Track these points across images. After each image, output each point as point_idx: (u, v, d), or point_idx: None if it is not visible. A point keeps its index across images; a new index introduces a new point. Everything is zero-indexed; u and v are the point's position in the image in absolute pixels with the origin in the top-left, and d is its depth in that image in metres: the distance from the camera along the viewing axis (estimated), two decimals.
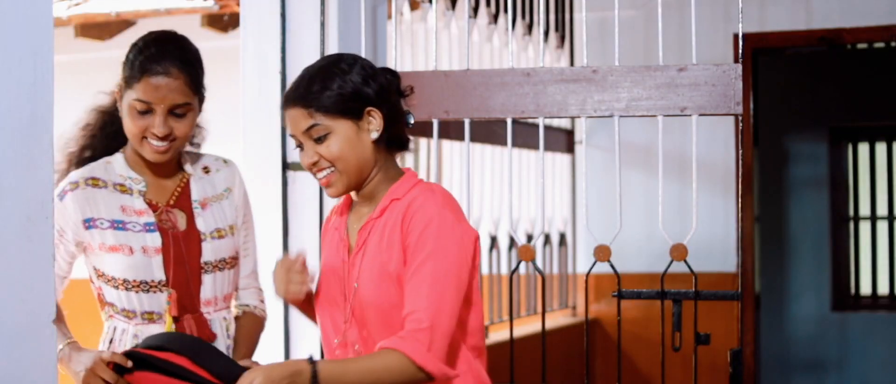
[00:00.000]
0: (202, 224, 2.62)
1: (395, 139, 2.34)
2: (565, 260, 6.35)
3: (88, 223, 2.55)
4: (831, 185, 7.65)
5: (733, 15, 5.69)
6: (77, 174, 2.59)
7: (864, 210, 7.75)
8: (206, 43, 6.92)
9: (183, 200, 2.63)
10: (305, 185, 3.53)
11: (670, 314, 3.25)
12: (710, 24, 5.85)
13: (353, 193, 2.36)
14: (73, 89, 6.65)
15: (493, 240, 5.59)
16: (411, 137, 2.42)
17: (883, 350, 7.52)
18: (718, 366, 3.90)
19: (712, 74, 3.14)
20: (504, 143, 3.71)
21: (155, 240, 2.56)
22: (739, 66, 3.14)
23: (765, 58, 6.09)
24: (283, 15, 3.49)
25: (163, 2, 5.70)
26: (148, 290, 2.55)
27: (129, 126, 2.54)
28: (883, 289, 7.73)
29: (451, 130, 4.71)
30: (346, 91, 2.26)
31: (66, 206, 2.55)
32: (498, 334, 5.52)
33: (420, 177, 2.36)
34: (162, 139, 2.51)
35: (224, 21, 5.86)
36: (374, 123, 2.28)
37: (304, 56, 3.49)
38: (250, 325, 2.71)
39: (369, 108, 2.28)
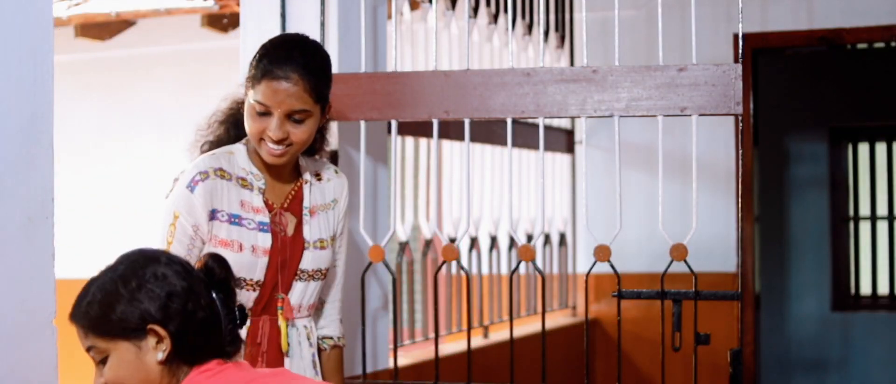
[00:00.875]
0: (308, 232, 2.63)
1: (198, 352, 1.97)
2: (565, 260, 6.35)
3: (213, 214, 2.53)
4: (831, 185, 7.65)
5: (733, 15, 5.69)
6: (205, 163, 2.55)
7: (864, 210, 7.75)
8: (206, 43, 6.96)
9: (295, 205, 2.64)
10: None
11: (670, 314, 3.24)
12: (710, 24, 5.85)
13: None
14: (74, 89, 6.71)
15: (493, 240, 5.59)
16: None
17: (883, 350, 7.51)
18: (718, 366, 3.90)
19: (712, 74, 3.14)
20: (504, 143, 3.71)
21: (266, 240, 2.55)
22: (739, 66, 3.13)
23: (765, 58, 6.08)
24: (283, 15, 3.48)
25: (163, 2, 5.70)
26: (242, 287, 2.53)
27: (249, 125, 2.53)
28: (883, 289, 7.73)
29: (451, 130, 4.72)
30: (118, 310, 1.92)
31: (196, 198, 2.51)
32: (498, 334, 5.52)
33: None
34: (277, 143, 2.50)
35: (224, 21, 5.86)
36: (162, 344, 1.93)
37: None
38: (338, 361, 2.76)
39: (151, 327, 1.92)
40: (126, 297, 1.92)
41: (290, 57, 2.49)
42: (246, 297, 2.54)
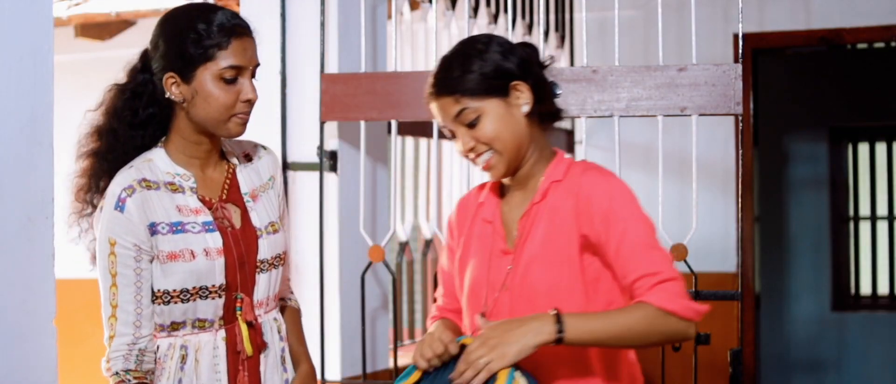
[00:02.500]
0: (256, 219, 2.38)
1: (546, 112, 2.30)
2: None
3: (152, 228, 2.26)
4: (831, 185, 7.65)
5: (733, 15, 5.69)
6: (126, 178, 2.26)
7: (864, 210, 7.75)
8: None
9: (233, 194, 2.39)
10: (305, 185, 3.53)
11: None
12: (710, 24, 5.85)
13: (505, 180, 2.32)
14: (74, 89, 6.67)
15: None
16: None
17: (883, 350, 7.52)
18: (718, 366, 3.90)
19: (712, 74, 3.14)
20: None
21: (216, 240, 2.30)
22: (739, 66, 3.13)
23: (765, 58, 6.09)
24: (283, 15, 3.48)
25: (163, 2, 5.70)
26: (206, 296, 2.30)
27: (219, 102, 2.27)
28: (883, 289, 7.73)
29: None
30: (488, 69, 2.22)
31: (130, 216, 2.23)
32: None
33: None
34: (249, 103, 2.30)
35: None
36: (523, 97, 2.24)
37: (305, 56, 3.49)
38: (295, 319, 2.55)
39: (515, 83, 2.23)
40: (492, 60, 2.22)
41: (232, 13, 2.33)
42: (214, 306, 2.32)
